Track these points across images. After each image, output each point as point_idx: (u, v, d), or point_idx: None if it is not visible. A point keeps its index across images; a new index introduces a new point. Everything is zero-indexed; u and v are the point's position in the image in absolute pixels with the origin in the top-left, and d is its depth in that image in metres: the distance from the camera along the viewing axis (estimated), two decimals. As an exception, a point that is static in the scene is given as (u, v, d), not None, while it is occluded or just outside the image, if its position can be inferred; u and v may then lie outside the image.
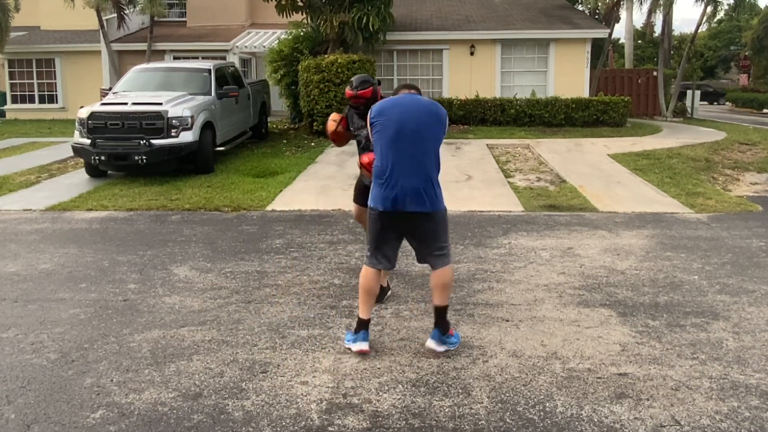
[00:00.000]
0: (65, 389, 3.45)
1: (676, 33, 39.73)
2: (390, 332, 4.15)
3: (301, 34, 15.28)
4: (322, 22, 14.36)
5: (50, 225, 7.13)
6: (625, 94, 18.47)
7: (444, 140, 3.89)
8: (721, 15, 26.04)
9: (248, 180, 9.37)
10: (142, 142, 9.15)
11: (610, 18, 20.09)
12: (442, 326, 3.81)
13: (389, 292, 4.79)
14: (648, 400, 3.30)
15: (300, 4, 14.76)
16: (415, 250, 3.90)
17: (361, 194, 4.87)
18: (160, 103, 9.46)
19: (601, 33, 17.52)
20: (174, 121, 9.32)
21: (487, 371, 3.61)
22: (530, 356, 3.80)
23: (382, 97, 4.44)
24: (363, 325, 3.83)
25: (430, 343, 3.80)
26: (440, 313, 3.81)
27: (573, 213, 7.51)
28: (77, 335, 4.16)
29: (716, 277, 5.20)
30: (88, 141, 9.31)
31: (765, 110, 28.96)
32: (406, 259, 5.68)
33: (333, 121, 4.97)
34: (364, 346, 3.80)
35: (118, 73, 17.83)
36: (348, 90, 4.77)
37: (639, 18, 30.62)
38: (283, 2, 14.62)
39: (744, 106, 31.45)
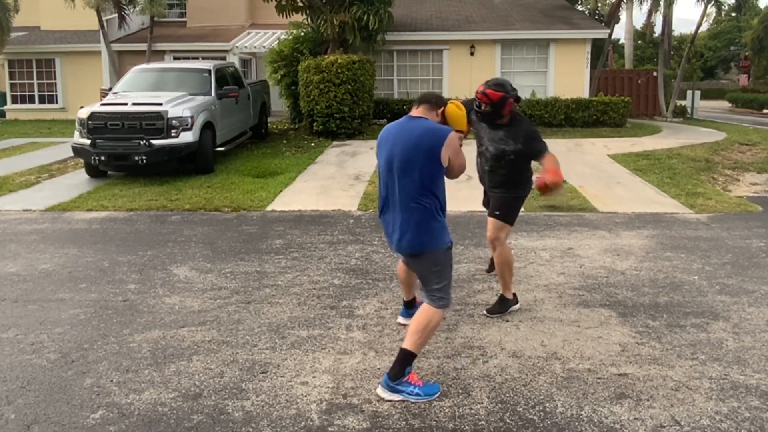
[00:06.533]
0: (65, 389, 3.45)
1: (676, 33, 39.74)
2: (390, 332, 4.15)
3: (302, 34, 15.27)
4: (322, 23, 14.36)
5: (50, 225, 7.13)
6: (625, 94, 18.46)
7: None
8: (721, 15, 26.01)
9: (248, 180, 9.37)
10: (142, 142, 9.14)
11: (612, 18, 20.09)
12: (394, 369, 3.29)
13: (516, 306, 4.51)
14: (648, 400, 3.29)
15: (300, 4, 14.75)
16: None
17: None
18: (160, 104, 9.46)
19: (601, 33, 17.51)
20: (174, 121, 9.32)
21: (487, 371, 3.61)
22: (530, 356, 3.80)
23: (512, 113, 4.22)
24: (404, 303, 4.30)
25: (379, 390, 3.34)
26: (400, 355, 3.30)
27: (573, 213, 7.50)
28: (77, 335, 4.15)
29: (716, 278, 5.20)
30: (88, 141, 9.31)
31: (765, 110, 28.95)
32: (406, 260, 5.68)
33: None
34: (399, 318, 4.31)
35: (118, 73, 17.81)
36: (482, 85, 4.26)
37: (639, 18, 30.68)
38: (283, 2, 14.61)
39: (744, 106, 31.42)
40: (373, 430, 3.05)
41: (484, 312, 4.45)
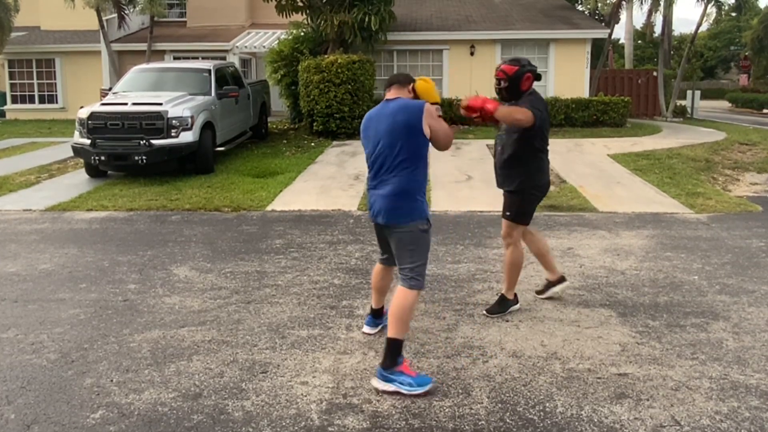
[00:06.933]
0: (65, 389, 3.45)
1: (676, 33, 39.75)
2: (390, 332, 4.15)
3: (302, 34, 15.28)
4: (322, 22, 14.36)
5: (50, 225, 7.13)
6: (625, 94, 18.47)
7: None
8: (721, 15, 25.99)
9: (248, 180, 9.37)
10: (142, 142, 9.14)
11: (613, 18, 20.10)
12: (385, 359, 3.40)
13: (516, 305, 4.48)
14: (648, 400, 3.29)
15: (300, 4, 14.76)
16: None
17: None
18: (160, 104, 9.46)
19: (601, 33, 17.52)
20: (174, 121, 9.32)
21: (487, 371, 3.61)
22: (530, 356, 3.80)
23: (529, 90, 4.17)
24: (371, 311, 4.18)
25: (373, 381, 3.43)
26: (387, 345, 3.41)
27: (573, 213, 7.50)
28: (77, 335, 4.15)
29: (716, 278, 5.20)
30: (88, 141, 9.31)
31: (765, 110, 28.95)
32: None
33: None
34: (365, 328, 4.16)
35: (118, 73, 17.82)
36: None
37: (639, 18, 30.68)
38: (283, 2, 14.62)
39: (744, 106, 31.43)
40: (373, 430, 3.05)
41: (484, 312, 4.45)
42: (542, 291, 4.77)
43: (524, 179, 4.29)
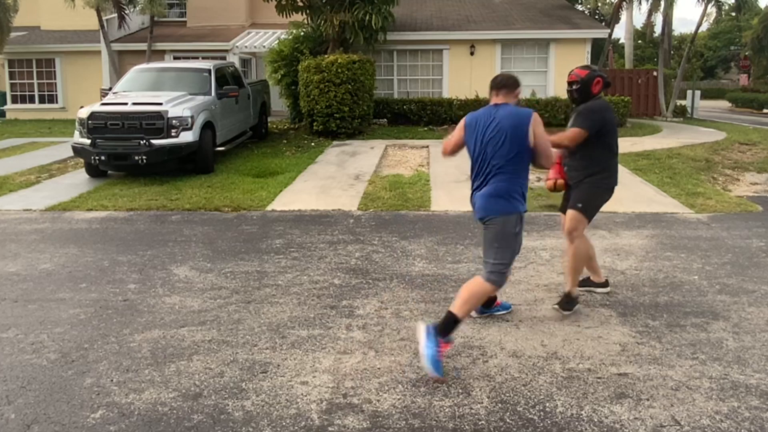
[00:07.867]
0: (65, 389, 3.45)
1: (676, 33, 39.77)
2: (390, 332, 4.15)
3: (302, 34, 15.28)
4: (323, 22, 14.36)
5: (50, 225, 7.13)
6: (625, 94, 18.46)
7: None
8: (721, 15, 26.00)
9: (248, 180, 9.37)
10: (142, 142, 9.14)
11: (613, 18, 20.09)
12: (440, 325, 3.55)
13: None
14: (648, 400, 3.30)
15: (300, 4, 14.76)
16: None
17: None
18: (160, 103, 9.46)
19: (601, 33, 17.52)
20: (174, 121, 9.32)
21: (487, 371, 3.61)
22: (530, 356, 3.80)
23: (597, 94, 4.33)
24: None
25: (420, 327, 3.56)
26: (446, 315, 3.60)
27: (573, 213, 7.50)
28: (77, 335, 4.16)
29: (716, 277, 5.20)
30: (88, 141, 9.31)
31: (765, 110, 28.95)
32: (406, 259, 5.68)
33: None
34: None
35: (118, 73, 17.81)
36: None
37: (639, 18, 30.70)
38: (283, 2, 14.62)
39: (744, 106, 31.43)
40: (373, 430, 3.05)
41: (555, 306, 4.47)
42: (582, 285, 4.88)
43: (601, 175, 4.41)
